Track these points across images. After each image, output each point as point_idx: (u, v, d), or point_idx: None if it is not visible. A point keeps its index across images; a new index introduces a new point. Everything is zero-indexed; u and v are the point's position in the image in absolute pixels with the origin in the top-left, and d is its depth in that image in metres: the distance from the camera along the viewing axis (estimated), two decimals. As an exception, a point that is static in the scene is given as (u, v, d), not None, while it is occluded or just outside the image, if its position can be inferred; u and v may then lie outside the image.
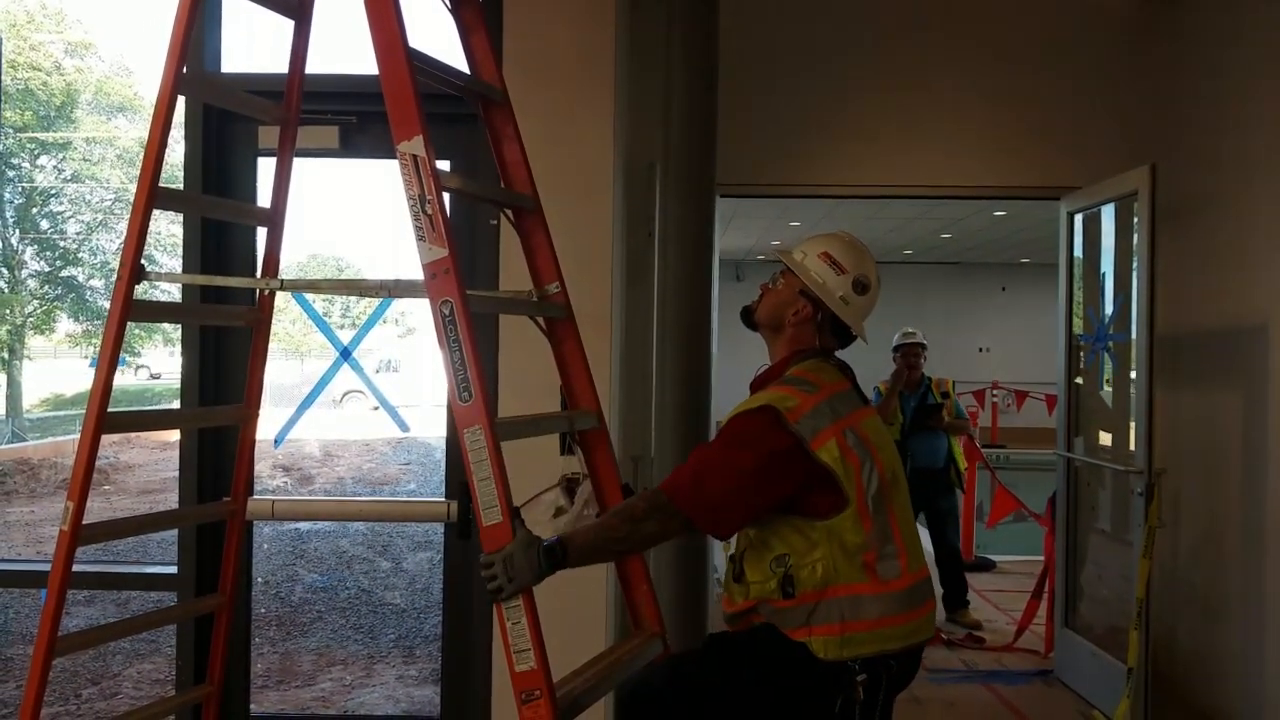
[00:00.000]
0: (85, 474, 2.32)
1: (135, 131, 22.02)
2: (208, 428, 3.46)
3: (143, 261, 2.41)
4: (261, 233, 2.88)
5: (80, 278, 21.37)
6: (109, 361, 2.39)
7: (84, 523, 2.35)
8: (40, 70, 20.22)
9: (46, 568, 2.43)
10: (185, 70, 2.43)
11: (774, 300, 2.37)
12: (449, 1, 2.69)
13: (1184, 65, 4.84)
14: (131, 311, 2.40)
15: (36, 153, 21.03)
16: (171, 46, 2.41)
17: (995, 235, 14.80)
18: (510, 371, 3.36)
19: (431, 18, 2.76)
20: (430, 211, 2.16)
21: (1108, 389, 5.24)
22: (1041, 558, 5.81)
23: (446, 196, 2.22)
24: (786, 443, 2.10)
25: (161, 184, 2.42)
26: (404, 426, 4.70)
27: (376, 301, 3.51)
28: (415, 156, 2.17)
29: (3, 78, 4.00)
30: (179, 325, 3.84)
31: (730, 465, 2.12)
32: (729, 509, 2.13)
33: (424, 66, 2.31)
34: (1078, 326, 5.35)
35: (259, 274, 2.86)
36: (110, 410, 2.35)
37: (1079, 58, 5.16)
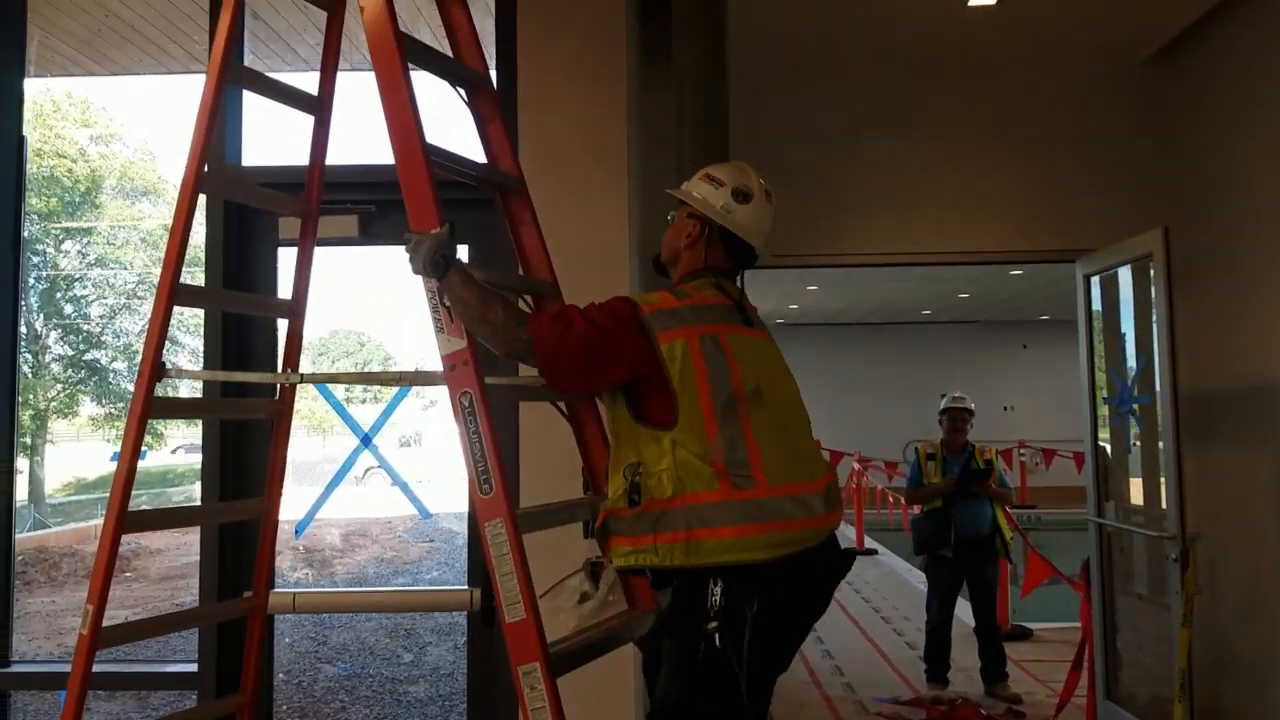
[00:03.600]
0: (105, 577, 2.29)
1: (159, 215, 22.42)
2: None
3: (164, 360, 2.41)
4: (283, 321, 2.90)
5: (103, 360, 21.58)
6: (129, 460, 2.38)
7: (104, 625, 2.32)
8: (65, 157, 20.68)
9: (66, 668, 2.40)
10: (207, 168, 2.47)
11: (669, 234, 2.45)
12: (465, 93, 2.73)
13: (1191, 125, 4.86)
14: (152, 410, 2.40)
15: (61, 238, 21.41)
16: (193, 147, 2.44)
17: (1013, 293, 14.79)
18: (531, 453, 3.34)
19: (447, 105, 2.80)
20: (448, 303, 2.17)
21: (1137, 450, 5.17)
22: (1078, 625, 5.67)
23: (465, 286, 2.22)
24: (633, 321, 2.13)
25: (183, 271, 2.44)
26: (425, 514, 4.66)
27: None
28: (433, 249, 2.18)
29: (27, 166, 4.19)
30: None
31: (586, 320, 2.13)
32: (569, 358, 2.12)
33: (441, 161, 2.33)
34: (1100, 390, 5.29)
35: (280, 365, 2.86)
36: (130, 510, 2.33)
37: (1089, 122, 5.21)
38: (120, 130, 22.45)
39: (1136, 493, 5.23)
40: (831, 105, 5.33)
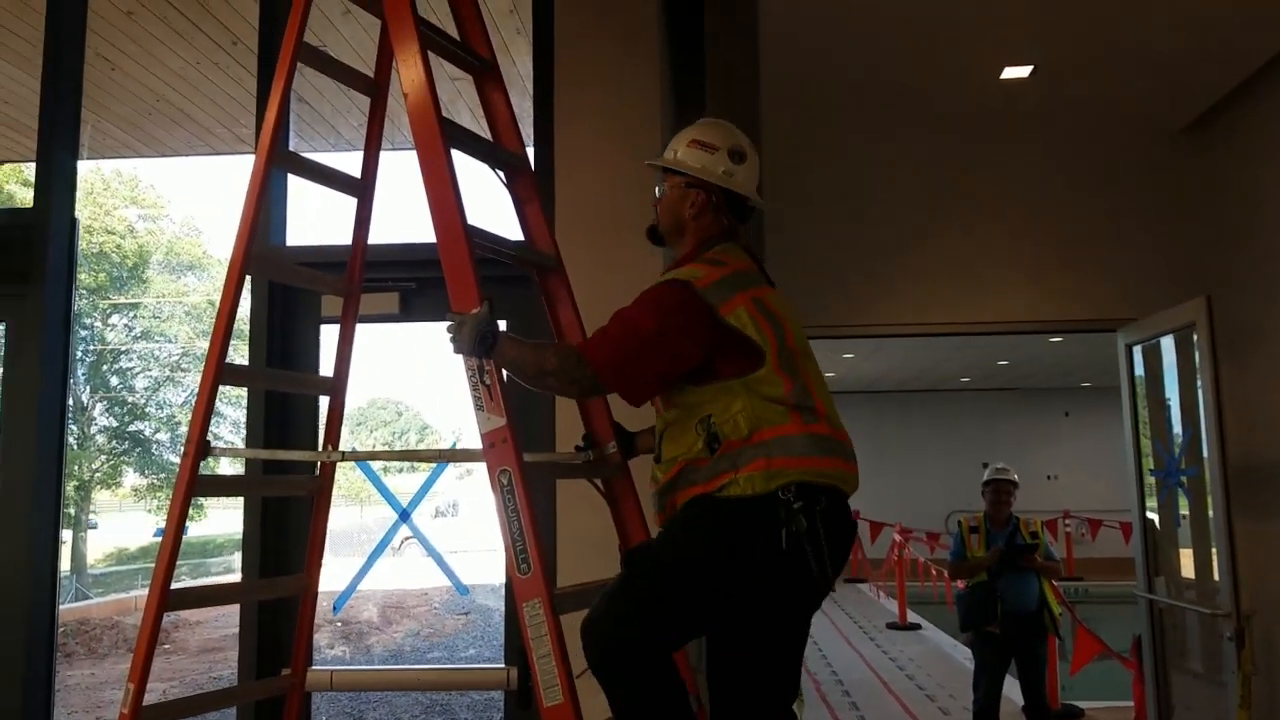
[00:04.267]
0: (146, 655, 2.30)
1: (204, 289, 22.92)
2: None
3: (208, 438, 2.44)
4: (324, 397, 2.93)
5: (147, 432, 21.91)
6: (174, 536, 2.40)
7: (144, 704, 2.32)
8: (114, 234, 21.27)
9: (105, 748, 2.40)
10: (253, 250, 2.52)
11: (666, 205, 2.42)
12: (504, 175, 2.78)
13: (1230, 191, 4.84)
14: (197, 488, 2.43)
15: (108, 312, 21.92)
16: (240, 230, 2.50)
17: (1053, 360, 14.64)
18: (568, 529, 3.32)
19: (485, 186, 2.86)
20: (488, 381, 2.19)
21: (1186, 522, 5.05)
22: (1130, 703, 5.49)
23: (503, 363, 2.24)
24: (695, 306, 2.14)
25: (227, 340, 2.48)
26: (462, 590, 4.62)
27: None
28: (473, 328, 2.21)
29: (79, 242, 4.39)
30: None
31: (640, 327, 2.15)
32: (638, 370, 2.15)
33: (481, 242, 2.37)
34: (1147, 460, 5.20)
35: (321, 441, 2.89)
36: (173, 588, 2.35)
37: (1127, 190, 5.21)
38: (167, 207, 23.12)
39: (1188, 565, 5.10)
40: (866, 174, 5.37)
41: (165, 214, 22.89)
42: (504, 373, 2.22)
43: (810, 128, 5.28)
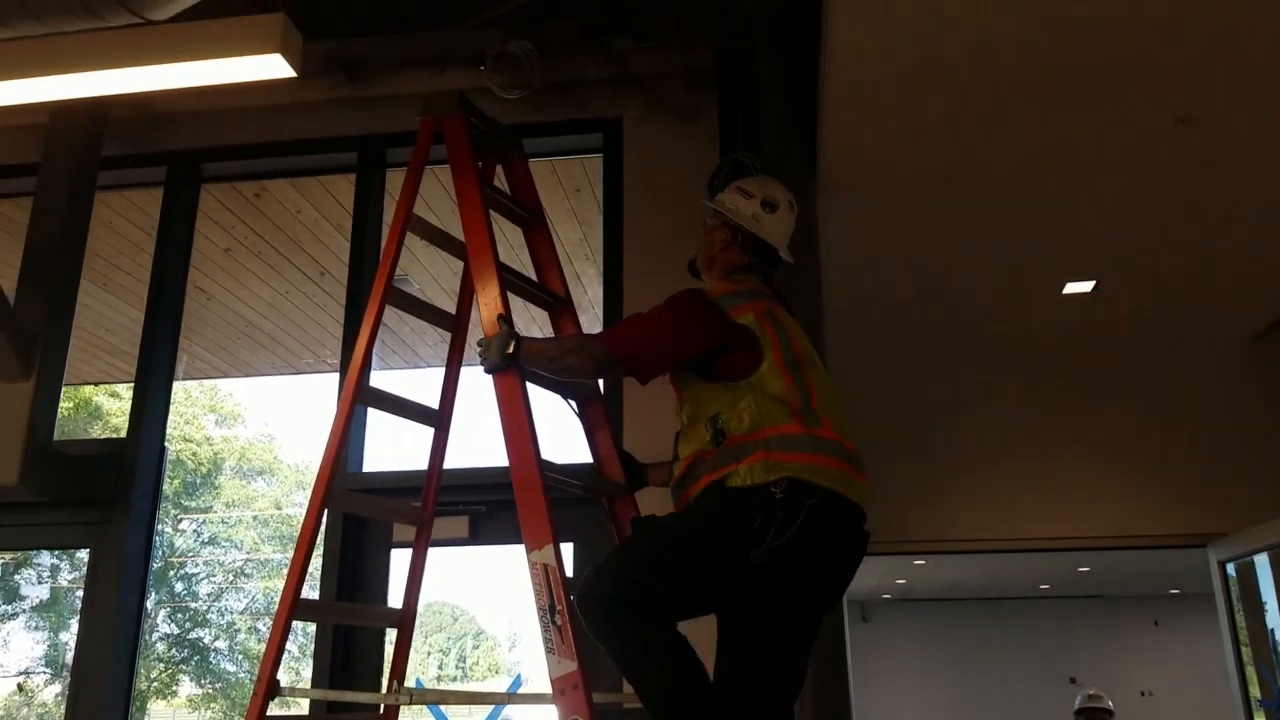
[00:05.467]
0: None
1: (272, 494, 23.28)
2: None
3: (278, 678, 2.42)
4: (391, 632, 2.89)
5: (206, 639, 21.75)
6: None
7: None
8: (192, 442, 21.90)
9: None
10: (333, 487, 2.57)
11: (703, 241, 2.65)
12: (575, 405, 2.84)
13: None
14: (264, 731, 2.38)
15: (179, 518, 22.26)
16: (321, 468, 2.56)
17: (1138, 567, 14.00)
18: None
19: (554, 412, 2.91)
20: (560, 623, 2.16)
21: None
22: None
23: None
24: (708, 305, 2.35)
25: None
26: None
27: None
28: (545, 566, 2.22)
29: (166, 469, 4.50)
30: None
31: (654, 316, 2.35)
32: (648, 347, 2.32)
33: (554, 475, 2.40)
34: (1250, 674, 4.87)
35: (386, 677, 2.84)
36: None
37: (1204, 400, 5.14)
38: (243, 413, 23.84)
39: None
40: (934, 386, 5.37)
41: (241, 420, 23.58)
42: (575, 613, 2.18)
43: (876, 353, 5.33)
